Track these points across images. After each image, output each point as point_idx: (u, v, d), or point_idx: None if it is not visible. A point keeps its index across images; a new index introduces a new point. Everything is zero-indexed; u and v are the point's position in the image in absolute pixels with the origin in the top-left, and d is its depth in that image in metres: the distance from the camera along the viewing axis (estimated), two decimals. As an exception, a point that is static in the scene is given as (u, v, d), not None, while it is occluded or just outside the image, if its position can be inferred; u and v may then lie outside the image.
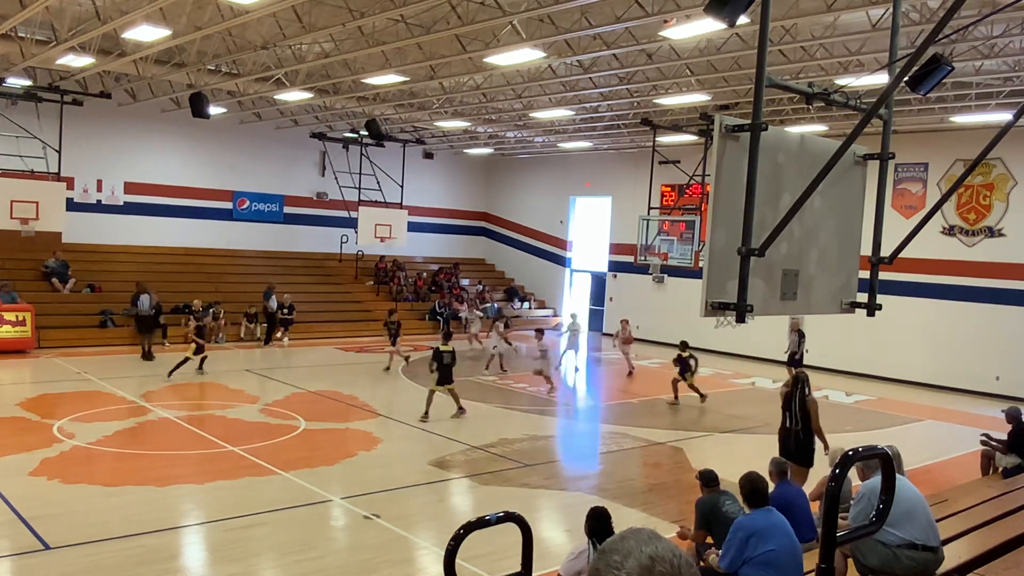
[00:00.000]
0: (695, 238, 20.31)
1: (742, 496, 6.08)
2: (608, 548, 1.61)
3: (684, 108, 19.54)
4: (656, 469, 12.11)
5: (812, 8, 11.39)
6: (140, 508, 9.06)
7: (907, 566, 5.59)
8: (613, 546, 1.60)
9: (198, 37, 14.13)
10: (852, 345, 20.89)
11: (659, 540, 1.59)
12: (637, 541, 1.59)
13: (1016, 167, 19.20)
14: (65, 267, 22.07)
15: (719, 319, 5.21)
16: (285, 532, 8.62)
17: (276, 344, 22.54)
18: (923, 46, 4.84)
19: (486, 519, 3.50)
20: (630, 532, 1.64)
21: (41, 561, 7.55)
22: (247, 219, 26.82)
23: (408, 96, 20.01)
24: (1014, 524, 6.83)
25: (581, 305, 30.37)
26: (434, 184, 31.40)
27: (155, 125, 23.82)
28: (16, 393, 14.68)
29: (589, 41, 13.94)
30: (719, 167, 5.20)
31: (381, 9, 12.14)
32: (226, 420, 13.45)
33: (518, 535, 3.64)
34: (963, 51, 13.08)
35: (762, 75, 5.17)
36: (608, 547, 1.61)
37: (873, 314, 6.42)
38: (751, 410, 16.45)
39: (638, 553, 1.56)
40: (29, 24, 14.79)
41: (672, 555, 1.56)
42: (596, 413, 16.94)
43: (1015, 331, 18.92)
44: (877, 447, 3.70)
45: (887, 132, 6.21)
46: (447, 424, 13.75)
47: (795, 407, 9.47)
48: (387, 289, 28.05)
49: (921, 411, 17.19)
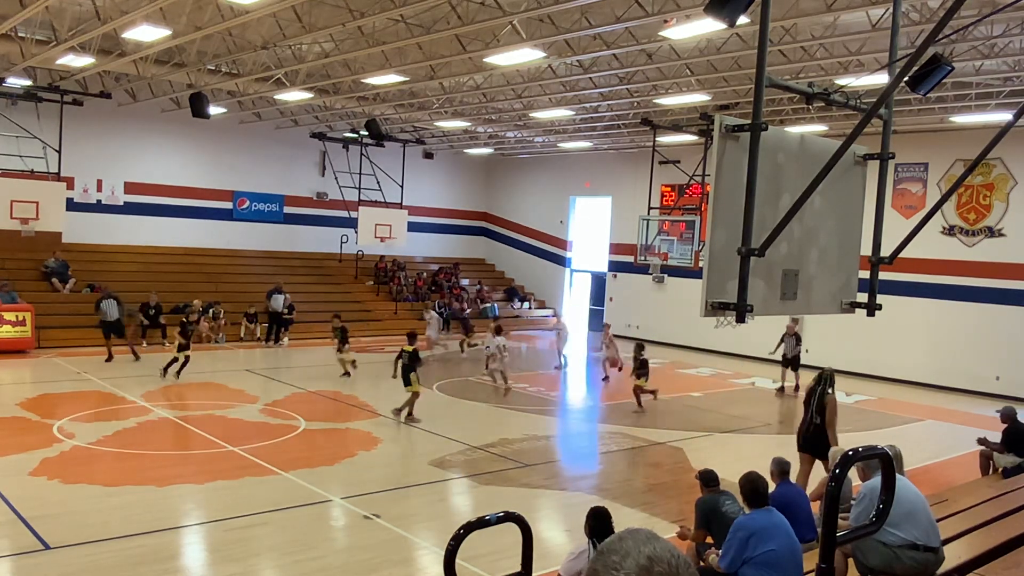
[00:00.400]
0: (695, 238, 20.31)
1: (742, 496, 6.07)
2: (606, 549, 1.60)
3: (684, 108, 19.54)
4: (656, 469, 12.11)
5: (812, 8, 11.39)
6: (140, 508, 9.06)
7: (908, 566, 5.59)
8: (611, 547, 1.60)
9: (198, 37, 14.14)
10: (852, 345, 20.88)
11: (657, 540, 1.59)
12: (635, 541, 1.58)
13: (1016, 167, 19.20)
14: (65, 267, 22.07)
15: (719, 319, 5.22)
16: (285, 532, 8.62)
17: (277, 345, 22.50)
18: (923, 46, 4.85)
19: (486, 519, 3.50)
20: (628, 533, 1.63)
21: (41, 561, 7.55)
22: (247, 219, 26.82)
23: (408, 96, 20.01)
24: (1014, 524, 6.83)
25: (581, 305, 30.40)
26: (434, 184, 31.40)
27: (155, 125, 23.82)
28: (16, 393, 14.68)
29: (589, 41, 13.94)
30: (719, 167, 5.20)
31: (381, 9, 12.14)
32: (226, 420, 13.45)
33: (518, 535, 3.64)
34: (963, 51, 13.08)
35: (762, 75, 5.18)
36: (606, 548, 1.61)
37: (873, 314, 6.42)
38: (751, 410, 16.45)
39: (636, 553, 1.55)
40: (29, 24, 14.80)
41: (670, 555, 1.55)
42: (596, 413, 16.94)
43: (1015, 331, 18.92)
44: (877, 447, 3.71)
45: (887, 132, 6.22)
46: (447, 424, 13.75)
47: (814, 403, 9.86)
48: (387, 289, 28.05)
49: (921, 411, 17.18)
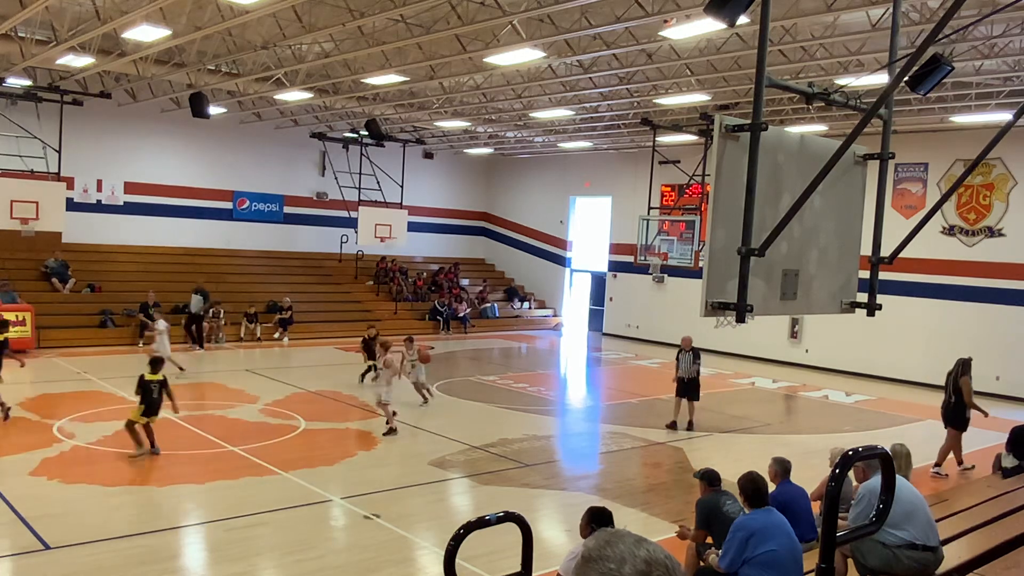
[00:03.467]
0: (695, 238, 20.30)
1: (742, 496, 6.07)
2: (597, 556, 1.54)
3: (684, 108, 19.54)
4: (656, 469, 12.11)
5: (812, 8, 11.39)
6: (140, 508, 9.06)
7: (908, 567, 5.60)
8: (602, 553, 1.54)
9: (198, 37, 14.13)
10: (852, 345, 20.89)
11: (647, 542, 1.55)
12: (627, 545, 1.54)
13: (1016, 167, 19.20)
14: (65, 267, 22.07)
15: (719, 319, 5.21)
16: (285, 532, 8.62)
17: (207, 348, 20.92)
18: (923, 46, 4.84)
19: (486, 519, 3.51)
20: (612, 536, 1.57)
21: (41, 561, 7.55)
22: (247, 219, 26.81)
23: (408, 96, 20.01)
24: (1014, 524, 6.84)
25: (581, 305, 30.38)
26: (434, 184, 31.40)
27: (155, 125, 23.81)
28: (16, 393, 14.67)
29: (589, 41, 13.94)
30: (719, 167, 5.20)
31: (381, 9, 12.14)
32: (226, 420, 13.45)
33: (518, 535, 3.64)
34: (963, 51, 13.07)
35: (762, 75, 5.17)
36: (596, 554, 1.54)
37: (873, 314, 6.42)
38: (751, 410, 16.45)
39: (632, 558, 1.51)
40: (29, 24, 14.79)
41: (664, 556, 1.53)
42: (596, 413, 16.94)
43: (1015, 331, 18.91)
44: (877, 447, 3.71)
45: (887, 132, 6.21)
46: (447, 424, 13.76)
47: (950, 384, 12.07)
48: (387, 289, 28.06)
49: (921, 411, 17.16)
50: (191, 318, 21.28)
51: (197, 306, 21.31)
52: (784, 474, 7.26)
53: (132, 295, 21.73)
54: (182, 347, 19.95)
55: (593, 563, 1.53)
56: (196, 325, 21.27)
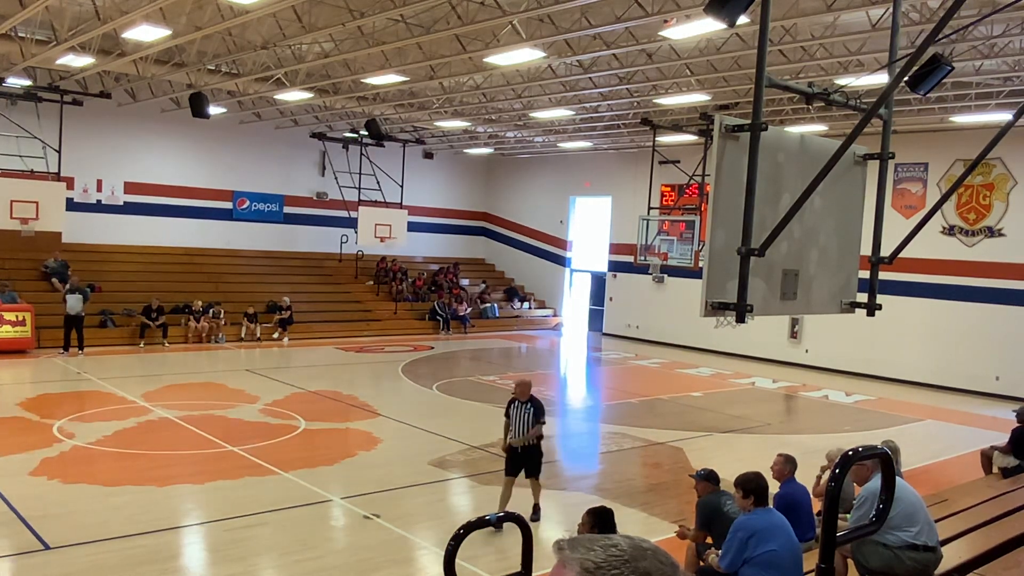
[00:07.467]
0: (695, 238, 20.31)
1: (741, 494, 6.07)
2: (607, 565, 1.44)
3: (684, 108, 19.54)
4: (656, 469, 12.11)
5: (812, 8, 11.39)
6: (140, 508, 9.06)
7: (908, 567, 5.60)
8: (610, 563, 1.44)
9: (198, 37, 14.13)
10: (852, 345, 20.89)
11: (646, 542, 1.51)
12: (632, 546, 1.48)
13: (1016, 167, 19.20)
14: (65, 267, 22.05)
15: (719, 319, 5.21)
16: (285, 532, 8.62)
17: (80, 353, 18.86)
18: (923, 46, 4.85)
19: (486, 519, 3.51)
20: (611, 542, 1.49)
21: (41, 561, 7.55)
22: (247, 219, 26.81)
23: (408, 96, 20.01)
24: (1014, 524, 6.84)
25: (581, 305, 30.37)
26: (434, 184, 31.39)
27: (155, 125, 23.80)
28: (16, 393, 14.67)
29: (589, 41, 13.94)
30: (719, 167, 5.20)
31: (381, 9, 12.14)
32: (226, 420, 13.44)
33: (518, 535, 3.64)
34: (963, 51, 13.07)
35: (762, 75, 5.17)
36: (607, 564, 1.44)
37: (873, 314, 6.42)
38: (751, 410, 16.44)
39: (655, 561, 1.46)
40: (29, 24, 14.79)
41: (663, 557, 1.50)
42: (596, 413, 16.94)
43: (1015, 331, 18.91)
44: (877, 447, 3.71)
45: (887, 132, 6.21)
46: (447, 424, 13.75)
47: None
48: (387, 289, 28.06)
49: (921, 411, 17.18)
50: (70, 320, 18.87)
51: (76, 306, 18.96)
52: (792, 472, 7.26)
53: (133, 295, 21.75)
54: (54, 352, 18.68)
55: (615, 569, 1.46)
56: (76, 328, 18.91)
